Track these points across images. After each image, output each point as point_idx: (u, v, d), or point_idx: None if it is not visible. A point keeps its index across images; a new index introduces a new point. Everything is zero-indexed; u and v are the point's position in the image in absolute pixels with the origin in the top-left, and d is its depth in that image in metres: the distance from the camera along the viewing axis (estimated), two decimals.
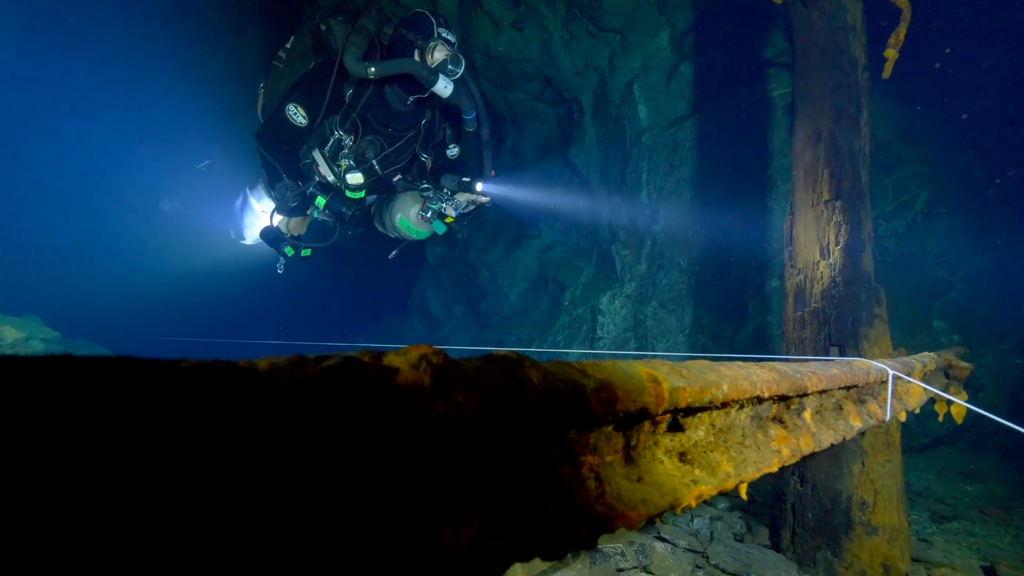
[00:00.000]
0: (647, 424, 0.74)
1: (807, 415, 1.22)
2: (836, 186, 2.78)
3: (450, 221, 3.46)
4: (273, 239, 3.47)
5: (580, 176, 6.81)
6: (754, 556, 2.70)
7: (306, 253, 3.58)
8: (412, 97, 3.17)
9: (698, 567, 2.64)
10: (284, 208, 3.41)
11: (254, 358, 0.36)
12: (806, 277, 2.82)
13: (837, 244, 2.73)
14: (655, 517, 0.66)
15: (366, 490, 0.38)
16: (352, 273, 12.00)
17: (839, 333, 2.65)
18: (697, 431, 0.87)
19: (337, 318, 13.13)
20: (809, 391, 1.13)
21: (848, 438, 1.33)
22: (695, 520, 3.17)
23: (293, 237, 3.64)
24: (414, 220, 3.47)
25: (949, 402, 2.31)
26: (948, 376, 2.70)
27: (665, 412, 0.74)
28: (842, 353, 2.62)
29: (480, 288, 8.24)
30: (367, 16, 3.07)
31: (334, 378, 0.36)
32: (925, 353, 2.45)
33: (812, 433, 1.17)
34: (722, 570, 2.60)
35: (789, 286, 2.93)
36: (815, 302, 2.76)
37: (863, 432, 1.54)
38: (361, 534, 0.37)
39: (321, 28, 3.22)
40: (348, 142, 3.28)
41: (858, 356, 2.50)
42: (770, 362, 1.08)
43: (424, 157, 3.66)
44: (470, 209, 3.45)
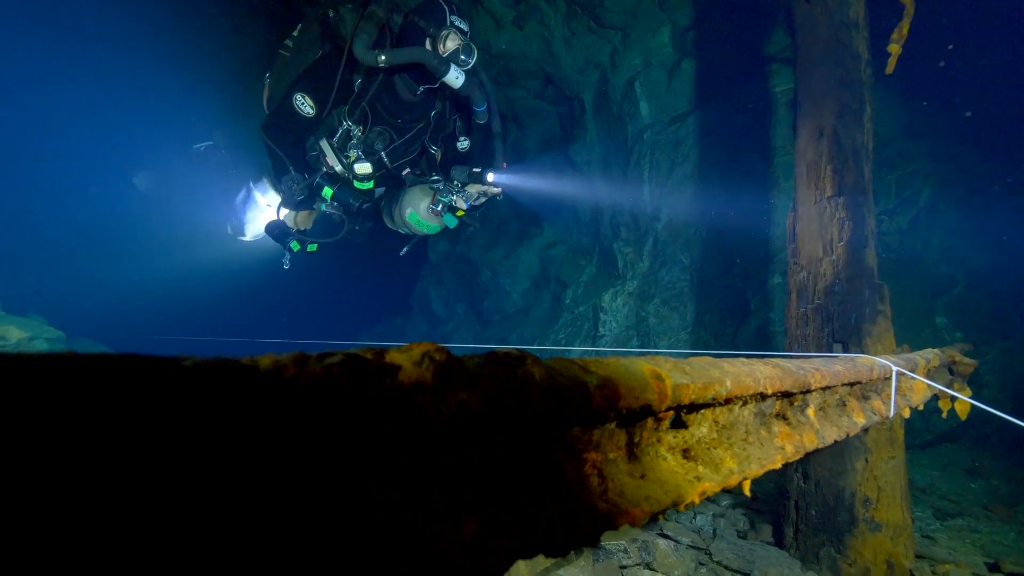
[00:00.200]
0: (650, 421, 0.74)
1: (811, 411, 1.22)
2: (839, 182, 2.77)
3: (461, 214, 3.37)
4: (279, 234, 3.39)
5: (582, 174, 6.80)
6: (757, 553, 2.70)
7: (312, 248, 3.50)
8: (422, 87, 3.09)
9: (701, 564, 2.64)
10: (291, 201, 3.33)
11: (256, 356, 0.36)
12: (809, 274, 2.82)
13: (840, 240, 2.72)
14: (658, 514, 0.66)
15: (367, 489, 0.38)
16: (354, 271, 12.01)
17: (842, 330, 2.65)
18: (700, 428, 0.86)
19: (340, 317, 13.16)
20: (812, 387, 1.13)
21: (852, 435, 1.33)
22: (698, 517, 3.17)
23: (299, 232, 3.55)
24: (424, 214, 3.37)
25: (953, 398, 2.31)
26: (952, 373, 2.69)
27: (668, 409, 0.74)
28: (845, 350, 2.62)
29: (482, 286, 8.25)
30: (377, 2, 2.98)
31: (337, 375, 0.36)
32: (929, 349, 2.44)
33: (816, 430, 1.17)
34: (725, 567, 2.60)
35: (792, 283, 2.92)
36: (818, 298, 2.75)
37: (867, 429, 1.54)
38: (361, 533, 0.37)
39: (329, 15, 3.13)
40: (357, 133, 3.19)
41: (861, 352, 2.49)
42: (773, 359, 1.08)
43: (433, 149, 3.58)
44: (481, 201, 3.37)
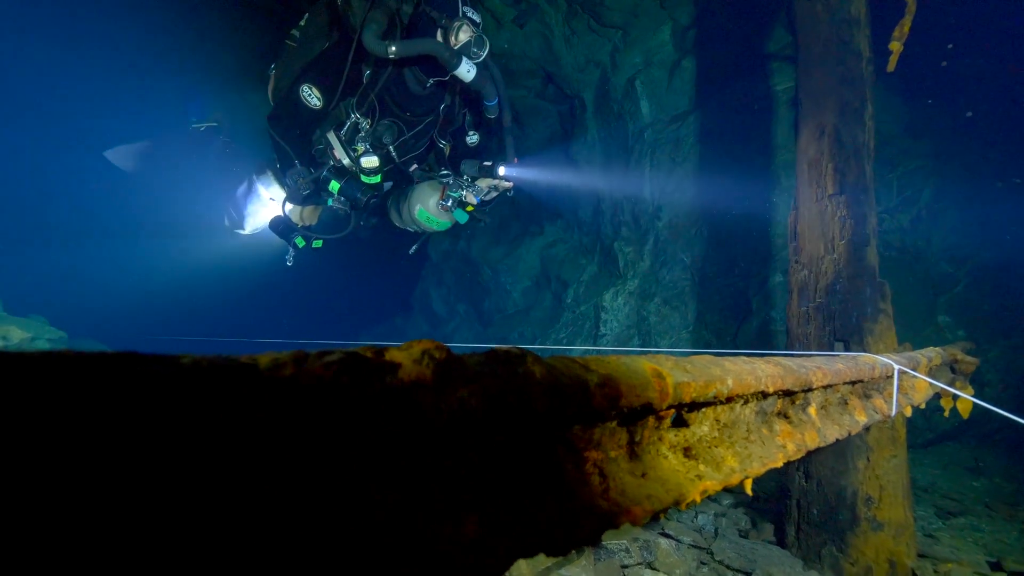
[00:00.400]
0: (651, 419, 0.74)
1: (812, 410, 1.21)
2: (840, 181, 2.76)
3: (471, 209, 3.30)
4: (283, 229, 3.33)
5: (583, 173, 6.80)
6: (759, 552, 2.70)
7: (317, 244, 3.44)
8: (432, 80, 3.01)
9: (703, 563, 2.64)
10: (296, 196, 3.27)
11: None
12: (810, 272, 2.81)
13: (842, 239, 2.71)
14: (659, 513, 0.66)
15: (367, 487, 0.38)
16: (355, 271, 12.01)
17: (844, 328, 2.64)
18: (701, 426, 0.86)
19: (341, 317, 13.15)
20: (814, 386, 1.12)
21: (853, 433, 1.33)
22: (700, 516, 3.17)
23: (304, 227, 3.48)
24: (434, 210, 3.30)
25: (955, 397, 2.30)
26: (954, 371, 2.69)
27: (669, 407, 0.73)
28: (847, 348, 2.61)
29: (483, 286, 8.24)
30: None
31: (336, 373, 0.36)
32: (931, 348, 2.44)
33: (817, 428, 1.17)
34: (727, 566, 2.60)
35: (793, 281, 2.91)
36: (820, 297, 2.75)
37: (868, 427, 1.53)
38: (362, 532, 0.36)
39: (338, 3, 3.06)
40: (365, 126, 3.11)
41: (863, 351, 2.49)
42: (775, 357, 1.08)
43: (442, 144, 3.51)
44: (492, 195, 3.31)
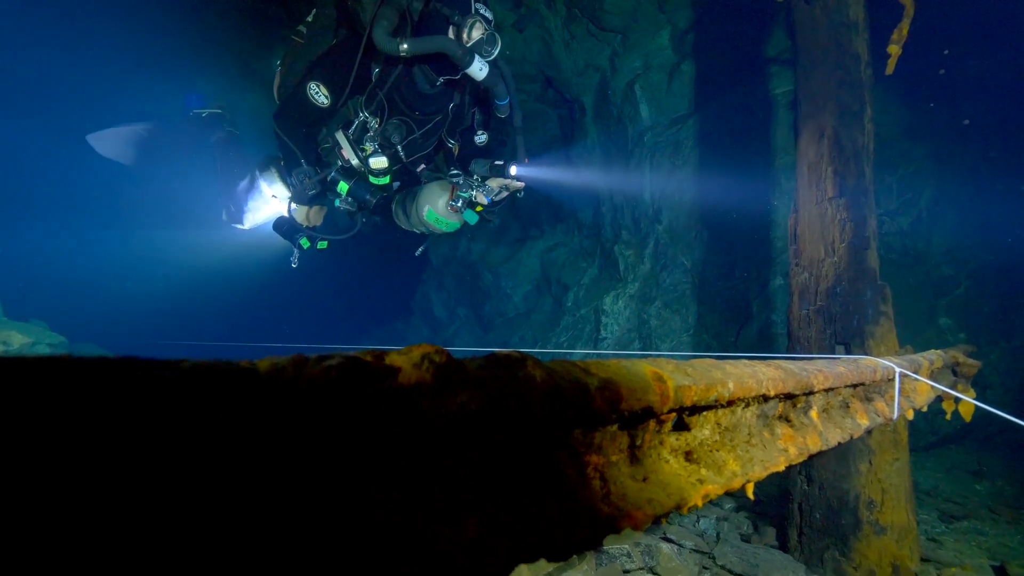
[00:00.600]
0: (652, 423, 0.73)
1: (814, 413, 1.21)
2: (840, 183, 2.76)
3: (480, 210, 3.22)
4: (288, 230, 3.28)
5: (582, 176, 6.81)
6: (761, 557, 2.69)
7: (323, 245, 3.39)
8: (442, 78, 2.96)
9: (705, 568, 2.63)
10: (302, 197, 3.20)
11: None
12: (811, 275, 2.81)
13: (842, 242, 2.71)
14: (661, 517, 0.66)
15: (367, 487, 0.38)
16: (355, 275, 12.01)
17: (845, 331, 2.64)
18: (703, 430, 0.86)
19: (341, 321, 13.15)
20: (815, 389, 1.12)
21: (855, 436, 1.32)
22: (701, 520, 3.15)
23: (309, 228, 3.41)
24: (443, 211, 3.21)
25: (957, 400, 2.30)
26: (955, 374, 2.68)
27: (670, 411, 0.73)
28: (848, 351, 2.61)
29: (483, 290, 8.24)
30: None
31: (336, 378, 0.36)
32: (932, 351, 2.43)
33: (819, 432, 1.16)
34: (729, 571, 2.58)
35: (794, 284, 2.91)
36: (820, 300, 2.75)
37: (870, 430, 1.53)
38: (362, 530, 0.36)
39: (347, 0, 2.98)
40: (374, 125, 3.06)
41: (864, 354, 2.48)
42: (776, 360, 1.07)
43: (451, 143, 3.45)
44: (503, 196, 3.24)
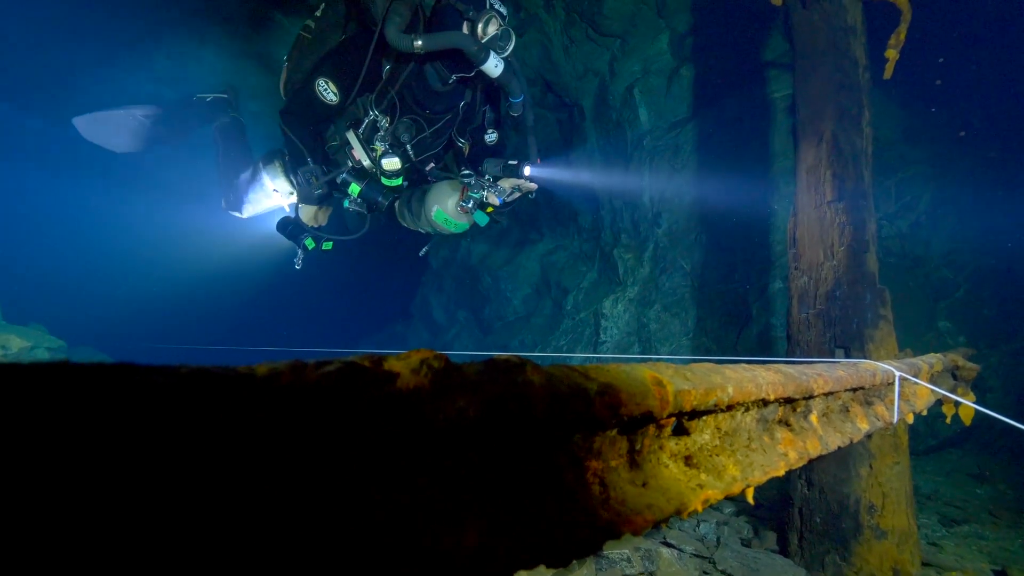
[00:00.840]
0: (652, 428, 0.73)
1: (813, 418, 1.21)
2: (839, 187, 2.77)
3: (491, 211, 3.13)
4: (292, 230, 3.20)
5: (582, 180, 6.82)
6: (762, 561, 2.68)
7: (328, 246, 3.31)
8: (455, 76, 2.85)
9: (705, 573, 2.62)
10: (309, 196, 3.11)
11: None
12: (810, 279, 2.81)
13: (841, 245, 2.72)
14: (661, 522, 0.65)
15: (367, 490, 0.38)
16: (355, 278, 12.01)
17: (844, 335, 2.64)
18: (702, 435, 0.86)
19: (341, 325, 13.15)
20: (815, 393, 1.12)
21: (855, 440, 1.32)
22: (701, 525, 3.14)
23: (314, 228, 3.33)
24: (452, 212, 3.10)
25: (957, 403, 2.29)
26: (955, 377, 2.68)
27: (670, 415, 0.73)
28: (848, 355, 2.60)
29: (483, 293, 8.25)
30: None
31: (334, 383, 0.36)
32: (931, 354, 2.43)
33: (819, 436, 1.16)
34: None
35: (793, 288, 2.91)
36: (820, 304, 2.75)
37: (870, 434, 1.53)
38: (362, 531, 0.36)
39: None
40: (384, 123, 2.97)
41: (864, 358, 2.48)
42: (775, 364, 1.07)
43: (461, 142, 3.37)
44: (515, 197, 3.15)
